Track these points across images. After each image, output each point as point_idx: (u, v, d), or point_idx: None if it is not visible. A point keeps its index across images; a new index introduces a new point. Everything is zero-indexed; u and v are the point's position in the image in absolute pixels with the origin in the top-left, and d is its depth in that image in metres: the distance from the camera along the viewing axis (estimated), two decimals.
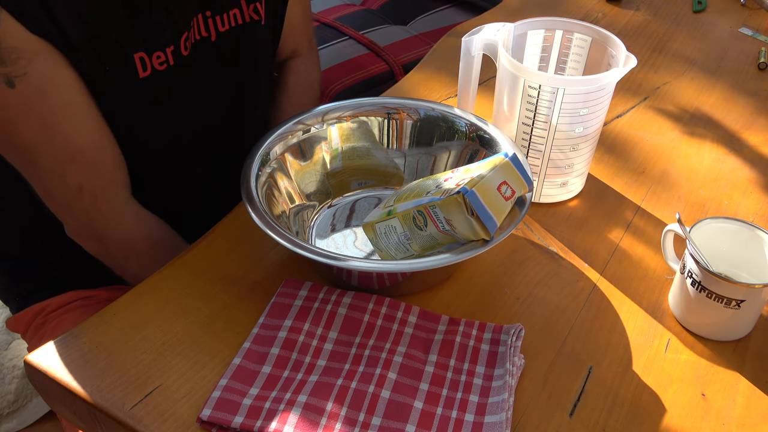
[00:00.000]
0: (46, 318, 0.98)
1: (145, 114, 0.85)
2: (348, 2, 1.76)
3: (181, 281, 0.77)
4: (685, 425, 0.66)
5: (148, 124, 0.87)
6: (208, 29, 0.88)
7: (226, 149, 0.95)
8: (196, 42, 0.86)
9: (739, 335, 0.74)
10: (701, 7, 1.36)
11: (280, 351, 0.69)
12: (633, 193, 0.92)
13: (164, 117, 0.88)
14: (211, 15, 0.87)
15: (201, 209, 0.93)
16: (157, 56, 0.82)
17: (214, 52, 0.89)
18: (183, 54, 0.84)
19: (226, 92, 0.95)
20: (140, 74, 0.81)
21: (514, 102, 0.84)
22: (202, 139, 0.94)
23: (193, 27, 0.86)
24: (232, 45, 0.91)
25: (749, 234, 0.76)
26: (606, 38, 0.86)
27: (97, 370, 0.68)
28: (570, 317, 0.76)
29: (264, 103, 1.04)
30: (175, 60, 0.84)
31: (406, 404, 0.65)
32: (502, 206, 0.70)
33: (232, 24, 0.90)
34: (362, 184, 0.90)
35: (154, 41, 0.81)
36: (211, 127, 0.95)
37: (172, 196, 0.95)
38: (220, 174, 0.96)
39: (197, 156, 0.95)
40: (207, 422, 0.63)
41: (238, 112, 0.98)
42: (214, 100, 0.93)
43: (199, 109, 0.91)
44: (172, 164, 0.93)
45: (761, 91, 1.13)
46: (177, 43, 0.83)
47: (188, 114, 0.90)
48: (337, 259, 0.70)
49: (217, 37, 0.89)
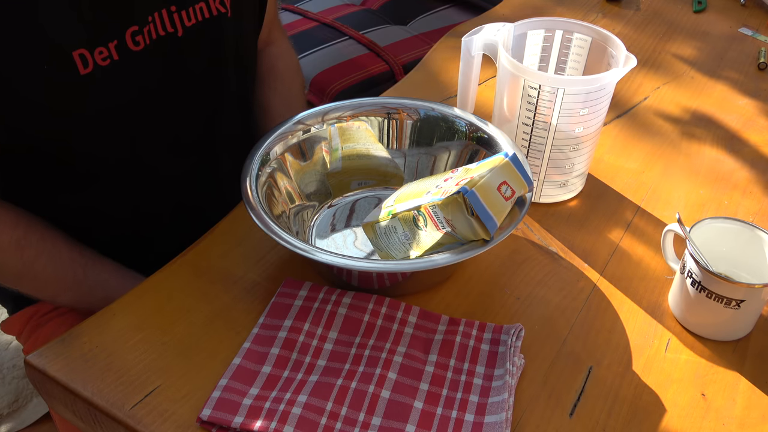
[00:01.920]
0: (40, 320, 0.98)
1: (97, 116, 0.82)
2: (348, 2, 1.76)
3: (181, 281, 0.77)
4: (685, 425, 0.66)
5: (102, 127, 0.83)
6: (174, 24, 0.85)
7: (201, 153, 0.94)
8: (159, 38, 0.84)
9: (739, 335, 0.74)
10: (701, 7, 1.36)
11: (280, 351, 0.69)
12: (633, 193, 0.92)
13: (119, 118, 0.84)
14: (176, 10, 0.85)
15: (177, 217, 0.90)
16: (99, 51, 0.78)
17: (180, 47, 0.87)
18: (131, 49, 0.81)
19: (195, 91, 0.92)
20: (81, 71, 0.77)
21: (514, 102, 0.84)
22: (164, 134, 0.91)
23: (153, 22, 0.83)
24: (199, 40, 0.89)
25: (749, 234, 0.76)
26: (606, 38, 0.86)
27: (97, 370, 0.68)
28: (570, 317, 0.76)
29: (246, 106, 1.03)
30: (120, 55, 0.80)
31: (406, 404, 0.65)
32: (502, 206, 0.70)
33: (198, 18, 0.88)
34: (362, 184, 0.90)
35: (95, 36, 0.78)
36: (181, 129, 0.92)
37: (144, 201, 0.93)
38: (191, 169, 0.94)
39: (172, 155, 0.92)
40: (207, 422, 0.63)
41: (211, 116, 0.96)
42: (181, 100, 0.90)
43: (161, 109, 0.89)
44: (135, 173, 0.89)
45: (761, 91, 1.13)
46: (122, 37, 0.80)
47: (148, 114, 0.87)
48: (337, 259, 0.70)
49: (184, 32, 0.86)
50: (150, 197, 0.93)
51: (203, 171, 0.96)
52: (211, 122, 0.96)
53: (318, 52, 1.54)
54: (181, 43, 0.87)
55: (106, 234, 0.92)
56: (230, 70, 0.96)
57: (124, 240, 0.92)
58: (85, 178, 0.87)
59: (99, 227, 0.91)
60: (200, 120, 0.94)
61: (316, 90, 1.47)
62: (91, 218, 0.90)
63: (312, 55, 1.53)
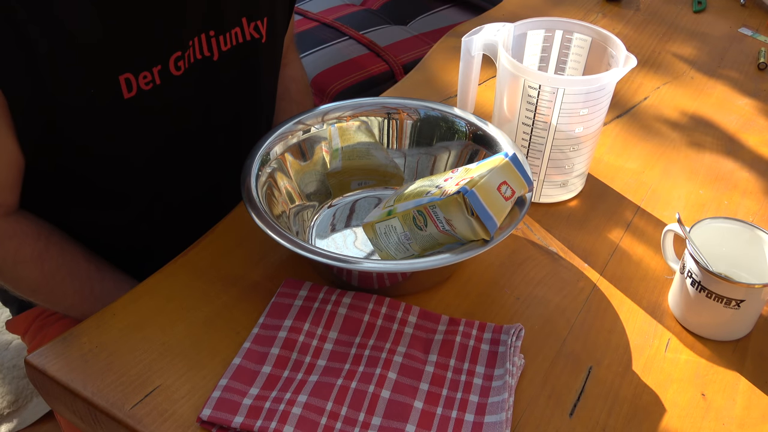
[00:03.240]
0: (45, 321, 0.98)
1: (128, 129, 0.83)
2: (348, 2, 1.76)
3: (181, 281, 0.77)
4: (685, 425, 0.66)
5: (131, 137, 0.84)
6: (210, 49, 0.86)
7: (221, 167, 0.94)
8: (196, 62, 0.85)
9: (739, 335, 0.74)
10: (701, 7, 1.36)
11: (280, 351, 0.69)
12: (633, 193, 0.92)
13: (149, 130, 0.85)
14: (214, 35, 0.86)
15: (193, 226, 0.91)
16: (143, 76, 0.79)
17: (216, 71, 0.88)
18: (173, 74, 0.82)
19: (224, 112, 0.93)
20: (125, 95, 0.79)
21: (514, 102, 0.84)
22: (194, 156, 0.92)
23: (193, 47, 0.84)
24: (233, 64, 0.90)
25: (749, 234, 0.76)
26: (606, 38, 0.86)
27: (97, 370, 0.68)
28: (570, 317, 0.76)
29: (266, 124, 1.04)
30: (162, 80, 0.81)
31: (406, 404, 0.65)
32: (502, 206, 0.70)
33: (233, 43, 0.89)
34: (362, 184, 0.90)
35: (141, 61, 0.79)
36: (207, 147, 0.93)
37: (161, 215, 0.93)
38: (213, 190, 0.95)
39: (187, 170, 0.93)
40: (207, 422, 0.63)
41: (237, 134, 0.96)
42: (210, 119, 0.91)
43: (190, 125, 0.90)
44: (157, 179, 0.90)
45: (761, 91, 1.13)
46: (165, 62, 0.81)
47: (177, 128, 0.88)
48: (337, 259, 0.70)
49: (219, 57, 0.88)
50: (168, 218, 0.93)
51: (223, 193, 0.95)
52: (239, 145, 0.97)
53: (318, 52, 1.54)
54: (216, 67, 0.88)
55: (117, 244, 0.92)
56: (264, 95, 0.98)
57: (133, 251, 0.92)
58: (108, 196, 0.88)
59: (113, 239, 0.92)
60: (234, 145, 0.95)
61: (316, 90, 1.47)
62: (107, 231, 0.91)
63: (312, 55, 1.53)
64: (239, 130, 0.97)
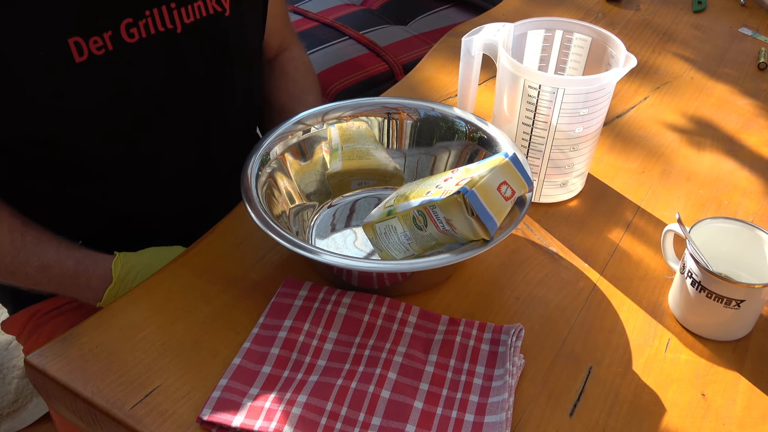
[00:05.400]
0: (40, 320, 0.98)
1: (95, 109, 0.82)
2: (348, 2, 1.76)
3: (181, 281, 0.77)
4: (685, 425, 0.66)
5: (100, 121, 0.84)
6: (173, 21, 0.85)
7: (201, 152, 0.94)
8: (157, 33, 0.84)
9: (739, 335, 0.74)
10: (701, 7, 1.36)
11: (280, 351, 0.69)
12: (633, 193, 0.92)
13: (118, 113, 0.85)
14: (176, 6, 0.85)
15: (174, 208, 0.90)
16: (93, 41, 0.78)
17: (179, 44, 0.87)
18: (126, 41, 0.81)
19: (196, 90, 0.92)
20: (76, 59, 0.78)
21: (514, 102, 0.84)
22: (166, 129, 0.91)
23: (152, 17, 0.83)
24: (197, 36, 0.89)
25: (749, 234, 0.76)
26: (606, 38, 0.86)
27: (97, 370, 0.68)
28: (570, 317, 0.76)
29: (253, 103, 1.03)
30: (115, 46, 0.80)
31: (406, 404, 0.65)
32: (502, 206, 0.70)
33: (196, 16, 0.88)
34: (362, 184, 0.90)
35: (90, 25, 0.78)
36: (181, 128, 0.93)
37: (140, 197, 0.93)
38: (194, 171, 0.95)
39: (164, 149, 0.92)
40: (207, 422, 0.63)
41: (212, 116, 0.96)
42: (182, 98, 0.91)
43: (162, 107, 0.89)
44: (134, 170, 0.90)
45: (761, 91, 1.13)
46: (116, 28, 0.80)
47: (149, 111, 0.88)
48: (337, 259, 0.70)
49: (183, 29, 0.87)
50: (149, 195, 0.93)
51: (204, 170, 0.96)
52: (212, 122, 0.96)
53: (318, 52, 1.54)
54: (180, 40, 0.87)
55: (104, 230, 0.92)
56: (236, 70, 0.96)
57: (123, 237, 0.92)
58: (81, 172, 0.87)
59: (97, 223, 0.91)
60: (201, 119, 0.94)
61: None
62: (89, 213, 0.90)
63: (312, 55, 1.53)
64: (208, 104, 0.95)
